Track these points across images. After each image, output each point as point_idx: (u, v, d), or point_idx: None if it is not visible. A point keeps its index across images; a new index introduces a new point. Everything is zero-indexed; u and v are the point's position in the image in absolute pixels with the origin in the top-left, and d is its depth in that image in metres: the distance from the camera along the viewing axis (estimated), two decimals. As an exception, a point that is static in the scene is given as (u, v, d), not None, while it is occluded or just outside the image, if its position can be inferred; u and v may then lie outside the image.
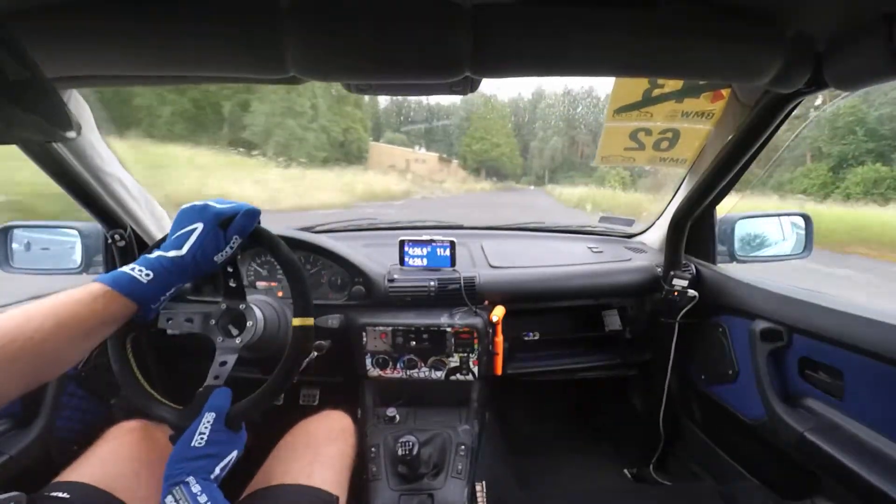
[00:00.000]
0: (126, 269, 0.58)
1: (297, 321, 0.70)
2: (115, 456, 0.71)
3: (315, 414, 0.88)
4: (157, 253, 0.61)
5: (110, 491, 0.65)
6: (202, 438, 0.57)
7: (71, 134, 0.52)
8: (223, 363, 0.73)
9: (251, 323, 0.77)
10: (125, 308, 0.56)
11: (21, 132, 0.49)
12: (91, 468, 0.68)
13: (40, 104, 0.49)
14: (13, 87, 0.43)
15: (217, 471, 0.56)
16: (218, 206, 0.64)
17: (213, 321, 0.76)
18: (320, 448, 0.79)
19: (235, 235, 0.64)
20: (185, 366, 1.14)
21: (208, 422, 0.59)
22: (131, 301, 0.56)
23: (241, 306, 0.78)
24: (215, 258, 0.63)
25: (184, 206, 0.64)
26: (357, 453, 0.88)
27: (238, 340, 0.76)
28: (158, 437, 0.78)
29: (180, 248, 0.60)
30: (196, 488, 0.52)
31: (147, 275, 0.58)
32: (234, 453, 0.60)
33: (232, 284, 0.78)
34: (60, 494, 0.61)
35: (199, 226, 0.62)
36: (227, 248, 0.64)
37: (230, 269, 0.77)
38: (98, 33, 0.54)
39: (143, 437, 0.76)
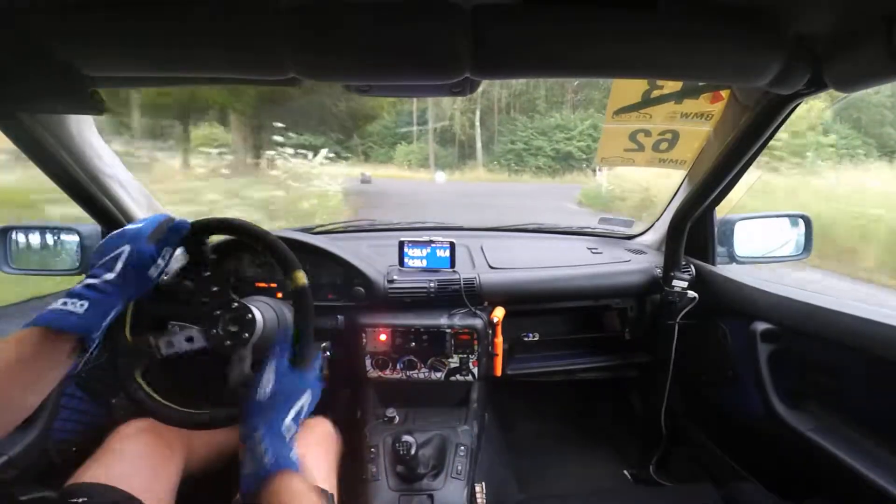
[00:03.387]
0: (56, 304, 0.55)
1: (293, 279, 0.69)
2: (129, 454, 0.71)
3: None
4: (86, 282, 0.58)
5: (124, 488, 0.65)
6: (266, 388, 0.58)
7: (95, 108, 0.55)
8: (242, 358, 0.72)
9: (249, 317, 0.77)
10: (63, 344, 0.54)
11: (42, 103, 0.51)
12: (102, 467, 0.68)
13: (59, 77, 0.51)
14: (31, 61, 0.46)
15: (290, 416, 0.58)
16: (135, 226, 0.64)
17: (214, 331, 0.76)
18: (303, 451, 0.79)
19: (166, 247, 0.65)
20: (185, 367, 1.14)
21: (271, 370, 0.60)
22: (69, 334, 0.54)
23: (235, 305, 0.77)
24: (149, 273, 0.63)
25: (104, 239, 0.64)
26: (354, 451, 0.88)
27: (245, 336, 0.75)
28: (165, 433, 0.78)
29: (111, 270, 0.59)
30: (263, 447, 0.54)
31: (81, 305, 0.55)
32: (306, 397, 0.61)
33: (215, 289, 0.78)
34: (80, 500, 0.60)
35: (126, 248, 0.61)
36: (160, 261, 0.64)
37: (208, 273, 0.78)
38: (97, 34, 0.55)
39: (151, 436, 0.76)
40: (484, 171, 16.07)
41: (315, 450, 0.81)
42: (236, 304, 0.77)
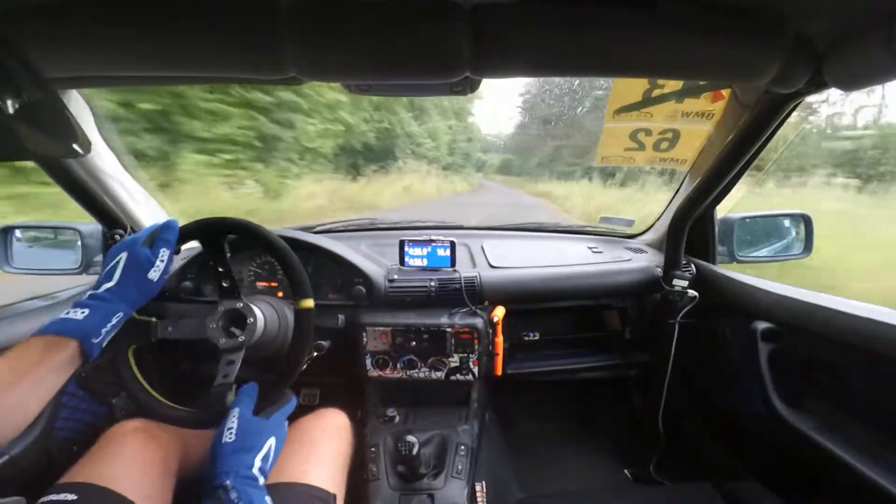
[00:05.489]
0: (60, 315, 0.60)
1: (299, 303, 0.74)
2: (119, 455, 0.71)
3: (311, 412, 0.88)
4: (89, 293, 0.63)
5: (118, 490, 0.65)
6: (231, 433, 0.61)
7: (80, 149, 0.55)
8: (230, 362, 0.74)
9: (251, 320, 0.78)
10: (66, 347, 0.57)
11: (34, 148, 0.51)
12: (96, 468, 0.68)
13: (51, 121, 0.51)
14: (26, 106, 0.45)
15: (258, 463, 0.59)
16: (134, 235, 0.69)
17: (212, 324, 0.76)
18: (315, 446, 0.79)
19: (162, 249, 0.68)
20: (186, 367, 1.14)
21: (234, 416, 0.63)
22: (70, 338, 0.57)
23: (239, 305, 0.78)
24: (149, 276, 0.66)
25: (108, 251, 0.68)
26: (354, 451, 0.88)
27: (241, 339, 0.76)
28: (160, 434, 0.78)
29: (111, 278, 0.64)
30: (233, 495, 0.54)
31: (82, 312, 0.60)
32: (272, 441, 0.63)
33: (225, 285, 0.79)
34: (68, 497, 0.60)
35: (124, 255, 0.65)
36: (159, 263, 0.67)
37: (221, 270, 0.78)
38: (97, 34, 0.54)
39: (146, 436, 0.76)
40: None
41: (328, 444, 0.81)
42: (241, 305, 0.78)
